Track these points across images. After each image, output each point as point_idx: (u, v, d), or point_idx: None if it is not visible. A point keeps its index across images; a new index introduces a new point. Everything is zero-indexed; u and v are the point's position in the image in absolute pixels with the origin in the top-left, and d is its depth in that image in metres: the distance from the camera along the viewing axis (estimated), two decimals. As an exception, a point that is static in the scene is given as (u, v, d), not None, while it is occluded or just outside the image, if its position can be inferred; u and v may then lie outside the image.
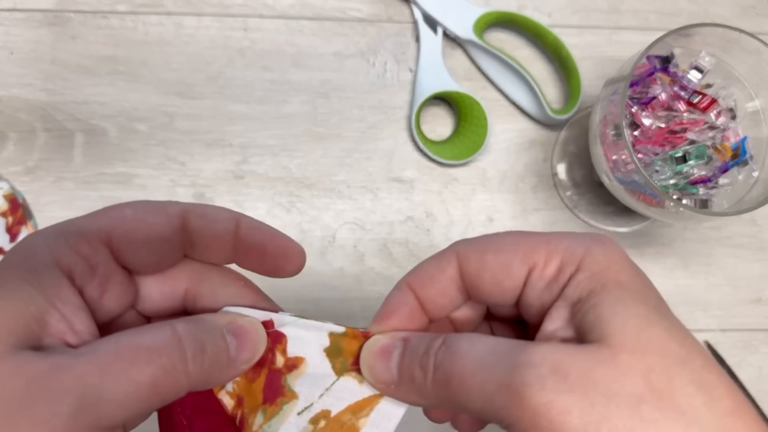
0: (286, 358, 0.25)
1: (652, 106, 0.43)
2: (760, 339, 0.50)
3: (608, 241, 0.23)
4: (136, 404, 0.20)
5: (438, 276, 0.24)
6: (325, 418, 0.24)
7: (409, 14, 0.52)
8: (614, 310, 0.20)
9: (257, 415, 0.24)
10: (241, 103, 0.50)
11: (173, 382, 0.21)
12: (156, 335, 0.21)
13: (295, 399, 0.24)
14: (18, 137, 0.48)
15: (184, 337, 0.21)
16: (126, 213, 0.24)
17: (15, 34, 0.49)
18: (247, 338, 0.24)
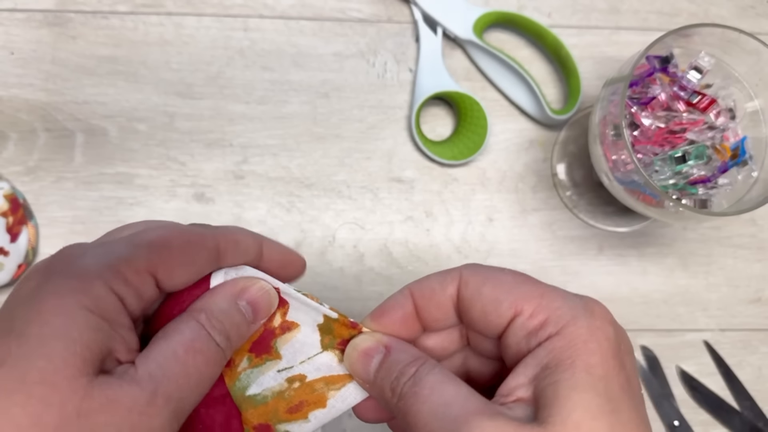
0: (283, 320, 0.27)
1: (652, 106, 0.43)
2: (759, 339, 0.50)
3: (599, 312, 0.24)
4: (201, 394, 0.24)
5: (439, 290, 0.26)
6: (300, 380, 0.27)
7: (409, 14, 0.52)
8: (568, 396, 0.21)
9: (243, 360, 0.27)
10: (241, 103, 0.50)
11: (219, 365, 0.25)
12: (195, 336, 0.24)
13: (278, 359, 0.27)
14: (18, 137, 0.48)
15: (210, 328, 0.24)
16: (173, 245, 0.25)
17: (15, 34, 0.49)
18: (260, 305, 0.26)
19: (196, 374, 0.23)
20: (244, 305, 0.26)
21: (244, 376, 0.27)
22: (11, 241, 0.45)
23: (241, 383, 0.27)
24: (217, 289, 0.26)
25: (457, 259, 0.49)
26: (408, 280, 0.27)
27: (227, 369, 0.27)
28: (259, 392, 0.27)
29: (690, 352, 0.50)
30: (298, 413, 0.27)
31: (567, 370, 0.22)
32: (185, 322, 0.24)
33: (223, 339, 0.25)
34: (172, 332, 0.24)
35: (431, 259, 0.49)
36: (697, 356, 0.50)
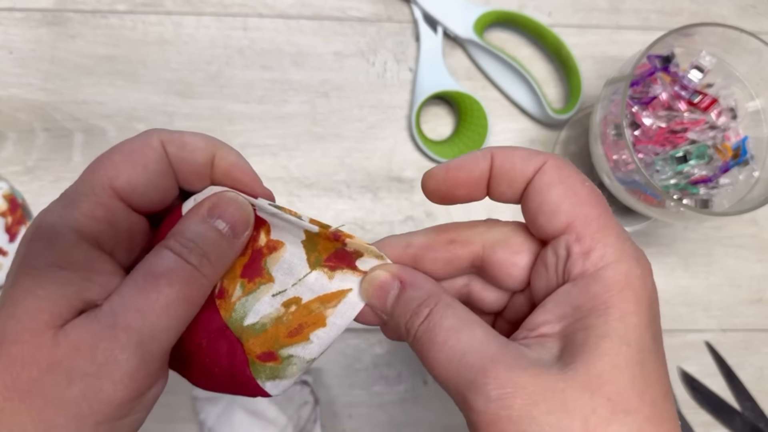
0: (268, 239, 0.27)
1: (653, 105, 0.43)
2: (761, 339, 0.50)
3: (644, 262, 0.23)
4: (180, 321, 0.23)
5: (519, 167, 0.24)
6: (296, 303, 0.26)
7: (409, 14, 0.52)
8: (597, 344, 0.21)
9: (236, 288, 0.27)
10: (241, 103, 0.50)
11: (197, 287, 0.24)
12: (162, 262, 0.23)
13: (271, 282, 0.27)
14: (17, 137, 0.48)
15: (183, 252, 0.23)
16: (115, 159, 0.24)
17: (14, 33, 0.49)
18: (235, 218, 0.25)
19: (162, 299, 0.22)
20: (218, 222, 0.25)
21: (240, 306, 0.26)
22: (10, 241, 0.45)
23: (237, 314, 0.26)
24: (186, 214, 0.25)
25: (458, 259, 0.49)
26: None
27: (221, 300, 0.26)
28: (257, 320, 0.26)
29: (691, 353, 0.50)
30: (299, 335, 0.26)
31: (600, 316, 0.21)
32: (154, 251, 0.24)
33: (198, 258, 0.24)
34: (139, 263, 0.24)
35: (431, 259, 0.49)
36: (698, 357, 0.50)
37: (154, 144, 0.25)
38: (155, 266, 0.23)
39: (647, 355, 0.21)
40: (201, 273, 0.24)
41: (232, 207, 0.25)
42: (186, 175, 0.26)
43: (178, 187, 0.26)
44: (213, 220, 0.25)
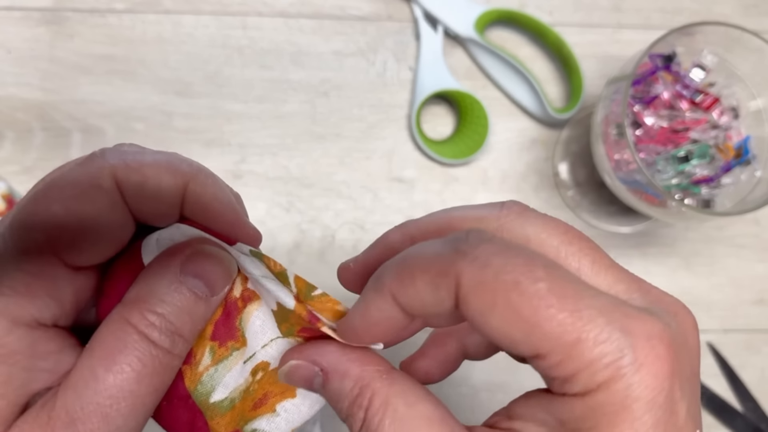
0: (244, 288, 0.22)
1: (655, 105, 0.43)
2: (763, 340, 0.50)
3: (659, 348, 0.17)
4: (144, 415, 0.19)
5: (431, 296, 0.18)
6: (263, 369, 0.22)
7: (410, 12, 0.52)
8: None
9: (205, 354, 0.22)
10: (240, 102, 0.50)
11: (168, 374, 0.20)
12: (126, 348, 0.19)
13: (245, 346, 0.22)
14: (15, 136, 0.48)
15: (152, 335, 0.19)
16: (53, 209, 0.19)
17: (12, 32, 0.49)
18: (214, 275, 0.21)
19: (128, 399, 0.18)
20: (193, 282, 0.20)
21: (207, 379, 0.22)
22: (8, 242, 0.45)
23: (204, 387, 0.22)
24: (150, 269, 0.20)
25: (458, 259, 0.49)
26: None
27: (187, 366, 0.22)
28: (227, 396, 0.22)
29: (693, 353, 0.49)
30: (264, 406, 0.22)
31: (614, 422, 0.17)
32: (112, 324, 0.19)
33: (168, 338, 0.19)
34: (96, 343, 0.19)
35: (432, 260, 0.49)
36: (701, 357, 0.49)
37: (105, 184, 0.19)
38: (116, 352, 0.19)
39: None
40: (173, 355, 0.20)
41: (210, 262, 0.21)
42: (146, 215, 0.21)
43: (134, 224, 0.21)
44: (187, 280, 0.20)
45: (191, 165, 0.21)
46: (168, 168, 0.20)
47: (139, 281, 0.20)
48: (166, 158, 0.20)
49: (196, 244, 0.21)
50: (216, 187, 0.21)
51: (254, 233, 0.22)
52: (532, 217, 0.20)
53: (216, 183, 0.21)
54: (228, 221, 0.21)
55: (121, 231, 0.20)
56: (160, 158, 0.20)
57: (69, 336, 0.20)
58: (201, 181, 0.21)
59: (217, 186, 0.21)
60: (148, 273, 0.20)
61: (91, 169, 0.19)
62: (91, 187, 0.19)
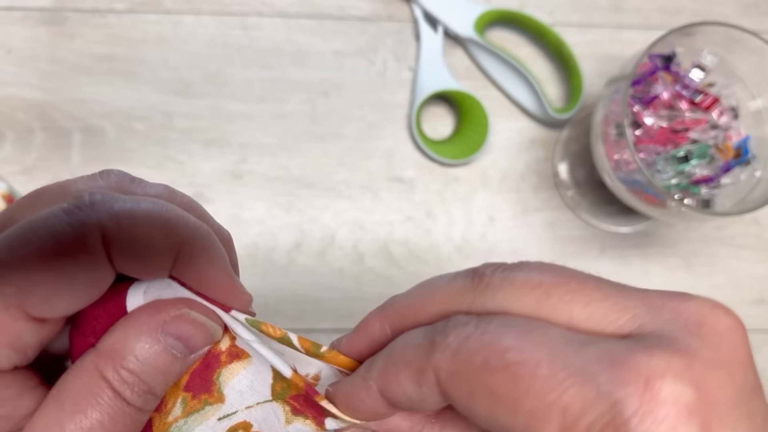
0: (231, 344, 0.21)
1: (655, 105, 0.43)
2: (763, 340, 0.50)
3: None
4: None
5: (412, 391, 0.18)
6: (244, 429, 0.21)
7: (410, 12, 0.52)
8: None
9: (177, 404, 0.21)
10: (240, 102, 0.50)
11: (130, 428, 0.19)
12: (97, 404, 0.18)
13: (220, 403, 0.21)
14: (15, 137, 0.48)
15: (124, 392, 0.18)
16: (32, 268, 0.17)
17: (12, 32, 0.49)
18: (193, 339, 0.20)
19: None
20: (171, 341, 0.19)
21: (175, 430, 0.21)
22: (8, 242, 0.45)
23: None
24: (131, 321, 0.19)
25: (458, 259, 0.49)
26: (408, 281, 0.23)
27: (157, 414, 0.21)
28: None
29: (692, 353, 0.49)
30: None
31: None
32: (84, 374, 0.18)
33: (141, 398, 0.19)
34: (66, 393, 0.18)
35: (432, 260, 0.49)
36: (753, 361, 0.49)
37: (90, 243, 0.18)
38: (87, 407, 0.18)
39: None
40: (144, 411, 0.19)
41: (194, 327, 0.20)
42: (131, 272, 0.19)
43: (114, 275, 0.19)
44: (167, 340, 0.19)
45: (187, 224, 0.19)
46: (162, 227, 0.19)
47: (118, 330, 0.19)
48: (162, 213, 0.19)
49: (182, 305, 0.20)
50: (211, 250, 0.20)
51: (245, 299, 0.21)
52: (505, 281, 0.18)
53: (212, 245, 0.20)
54: (222, 289, 0.20)
55: (100, 286, 0.19)
56: (154, 213, 0.19)
57: (30, 377, 0.19)
58: (197, 244, 0.19)
59: (212, 249, 0.20)
60: (128, 324, 0.19)
61: (76, 223, 0.17)
62: (76, 245, 0.17)
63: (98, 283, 0.19)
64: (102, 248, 0.18)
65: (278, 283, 0.48)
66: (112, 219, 0.18)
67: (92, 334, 0.20)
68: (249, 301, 0.21)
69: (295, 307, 0.48)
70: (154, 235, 0.18)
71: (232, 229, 0.50)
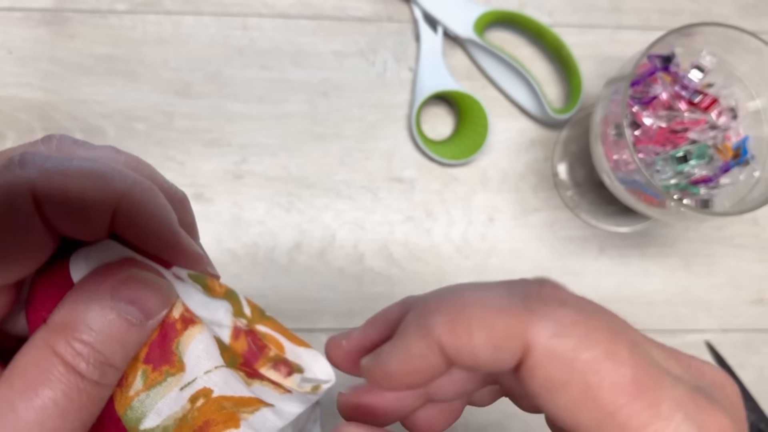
0: (184, 308, 0.20)
1: (654, 105, 0.43)
2: (762, 340, 0.50)
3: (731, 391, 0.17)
4: None
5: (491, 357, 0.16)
6: (205, 396, 0.21)
7: (409, 13, 0.52)
8: None
9: (137, 377, 0.20)
10: (240, 102, 0.50)
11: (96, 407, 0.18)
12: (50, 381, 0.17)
13: (182, 372, 0.20)
14: (16, 137, 0.48)
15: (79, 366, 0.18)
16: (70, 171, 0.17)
17: (13, 33, 0.49)
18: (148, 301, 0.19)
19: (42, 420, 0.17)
20: (124, 307, 0.18)
21: (138, 403, 0.20)
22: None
23: (134, 413, 0.20)
24: (79, 291, 0.19)
25: (458, 259, 0.49)
26: (408, 281, 0.23)
27: (117, 388, 0.20)
28: (159, 423, 0.20)
29: (692, 353, 0.49)
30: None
31: None
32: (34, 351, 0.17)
33: (97, 370, 0.18)
34: (16, 371, 0.17)
35: (432, 260, 0.49)
36: (699, 357, 0.49)
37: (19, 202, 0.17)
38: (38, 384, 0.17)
39: None
40: (102, 386, 0.18)
41: (146, 288, 0.19)
42: (69, 232, 0.18)
43: (56, 239, 0.19)
44: (119, 306, 0.18)
45: (125, 178, 0.18)
46: (96, 182, 0.18)
47: (66, 303, 0.18)
48: (95, 168, 0.18)
49: (129, 267, 0.19)
50: (153, 204, 0.19)
51: (194, 255, 0.20)
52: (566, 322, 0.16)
53: (153, 200, 0.19)
54: (164, 243, 0.19)
55: (40, 250, 0.18)
56: (85, 168, 0.18)
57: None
58: (135, 199, 0.18)
59: (154, 203, 0.19)
60: (75, 295, 0.18)
61: (4, 183, 0.17)
62: (4, 205, 0.17)
63: (36, 246, 0.18)
64: (33, 207, 0.17)
65: (279, 283, 0.48)
66: (41, 176, 0.17)
67: (43, 308, 0.19)
68: (199, 260, 0.20)
69: (296, 306, 0.48)
70: (87, 189, 0.17)
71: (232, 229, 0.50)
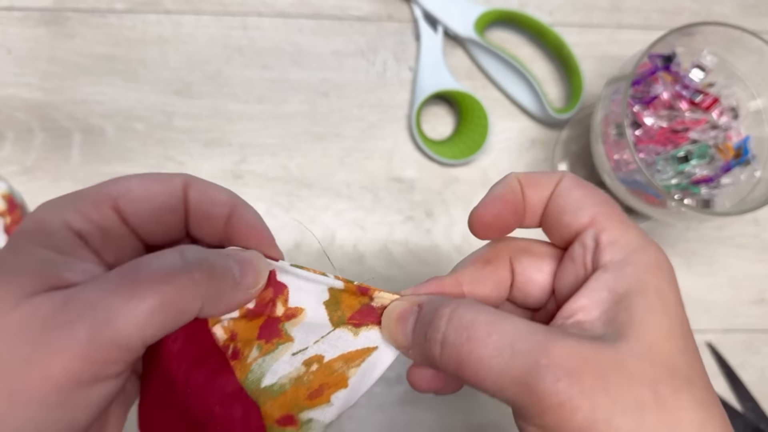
0: (286, 308, 0.26)
1: (654, 105, 0.43)
2: (762, 340, 0.50)
3: (661, 251, 0.24)
4: (151, 323, 0.21)
5: (544, 182, 0.26)
6: (318, 362, 0.25)
7: (409, 12, 0.52)
8: (643, 319, 0.21)
9: (253, 349, 0.25)
10: (240, 102, 0.50)
11: (185, 300, 0.22)
12: (165, 260, 0.22)
13: (290, 341, 0.25)
14: (15, 137, 0.48)
15: (191, 259, 0.22)
16: (133, 182, 0.24)
17: (12, 32, 0.49)
18: (249, 264, 0.25)
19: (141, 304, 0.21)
20: (231, 262, 0.24)
21: (256, 366, 0.25)
22: (8, 242, 0.45)
23: (254, 375, 0.25)
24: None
25: (458, 259, 0.49)
26: (408, 281, 0.26)
27: (236, 362, 0.25)
28: (276, 381, 0.25)
29: (692, 353, 0.49)
30: (320, 397, 0.25)
31: (639, 294, 0.22)
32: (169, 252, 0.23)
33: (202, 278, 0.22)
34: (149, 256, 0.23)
35: (432, 260, 0.49)
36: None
37: (175, 181, 0.25)
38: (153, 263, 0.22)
39: (686, 327, 0.22)
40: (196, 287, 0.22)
41: (248, 257, 0.25)
42: (199, 222, 0.25)
43: (185, 231, 0.26)
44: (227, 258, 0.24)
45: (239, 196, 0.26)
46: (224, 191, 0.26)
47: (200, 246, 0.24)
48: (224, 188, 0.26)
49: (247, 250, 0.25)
50: (257, 215, 0.26)
51: (281, 254, 0.27)
52: None
53: (256, 212, 0.26)
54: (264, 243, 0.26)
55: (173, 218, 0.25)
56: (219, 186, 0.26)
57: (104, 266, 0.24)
58: (247, 208, 0.26)
59: (257, 214, 0.26)
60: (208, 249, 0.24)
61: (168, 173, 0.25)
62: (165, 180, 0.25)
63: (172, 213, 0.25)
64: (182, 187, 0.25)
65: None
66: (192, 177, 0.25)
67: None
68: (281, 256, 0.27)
69: (295, 307, 0.48)
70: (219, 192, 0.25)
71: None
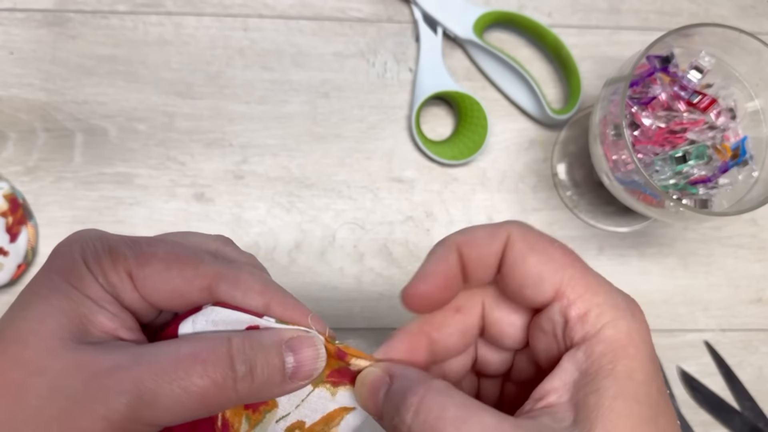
0: None
1: (652, 106, 0.43)
2: (760, 339, 0.50)
3: (639, 314, 0.23)
4: (184, 411, 0.21)
5: (486, 244, 0.24)
6: (300, 428, 0.25)
7: (409, 14, 0.52)
8: (611, 406, 0.20)
9: (242, 421, 0.25)
10: (241, 103, 0.50)
11: (222, 396, 0.22)
12: (213, 350, 0.22)
13: (275, 408, 0.25)
14: (18, 137, 0.48)
15: (236, 356, 0.22)
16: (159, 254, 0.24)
17: (15, 33, 0.49)
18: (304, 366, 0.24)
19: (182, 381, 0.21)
20: (290, 359, 0.23)
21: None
22: (11, 242, 0.45)
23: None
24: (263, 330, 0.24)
25: (457, 259, 0.49)
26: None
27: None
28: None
29: (690, 353, 0.50)
30: None
31: (608, 376, 0.21)
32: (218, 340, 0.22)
33: (244, 370, 0.22)
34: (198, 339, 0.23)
35: (431, 259, 0.49)
36: (698, 356, 0.50)
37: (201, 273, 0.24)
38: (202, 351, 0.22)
39: (658, 409, 0.21)
40: (234, 385, 0.22)
41: (310, 357, 0.24)
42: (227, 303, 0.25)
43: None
44: (287, 354, 0.23)
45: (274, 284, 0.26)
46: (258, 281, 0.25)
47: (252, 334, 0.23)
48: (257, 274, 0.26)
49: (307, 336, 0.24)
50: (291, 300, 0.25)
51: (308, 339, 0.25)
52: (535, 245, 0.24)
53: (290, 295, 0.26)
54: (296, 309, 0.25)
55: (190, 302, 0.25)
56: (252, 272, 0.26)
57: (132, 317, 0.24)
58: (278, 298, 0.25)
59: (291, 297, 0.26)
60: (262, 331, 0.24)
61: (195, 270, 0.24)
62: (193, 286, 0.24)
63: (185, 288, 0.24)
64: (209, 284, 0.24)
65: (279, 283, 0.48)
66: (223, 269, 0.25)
67: None
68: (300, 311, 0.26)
69: (296, 306, 0.48)
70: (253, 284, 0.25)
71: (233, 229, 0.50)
